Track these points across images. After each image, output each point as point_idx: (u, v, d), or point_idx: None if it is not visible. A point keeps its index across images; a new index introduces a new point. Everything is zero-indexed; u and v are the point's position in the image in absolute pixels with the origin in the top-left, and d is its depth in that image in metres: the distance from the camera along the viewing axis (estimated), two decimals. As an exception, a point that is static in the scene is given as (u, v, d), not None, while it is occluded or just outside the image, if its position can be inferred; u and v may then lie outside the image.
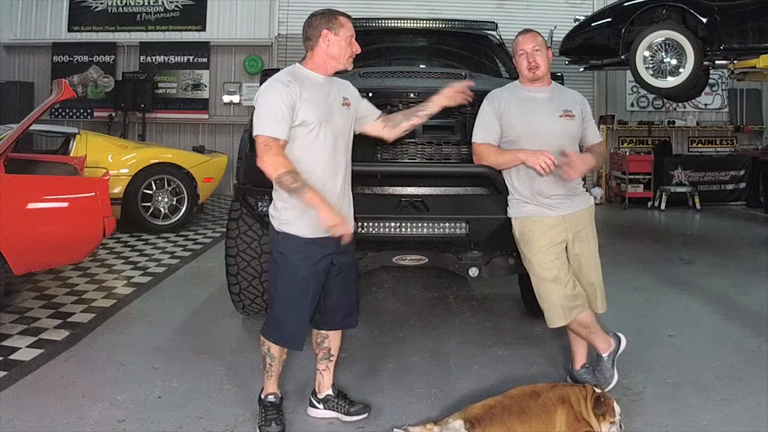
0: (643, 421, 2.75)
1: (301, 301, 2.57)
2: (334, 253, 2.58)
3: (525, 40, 2.93)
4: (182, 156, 7.18)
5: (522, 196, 2.91)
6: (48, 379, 3.13)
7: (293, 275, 2.55)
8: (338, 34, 2.53)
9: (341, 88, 2.65)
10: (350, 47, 2.56)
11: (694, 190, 9.26)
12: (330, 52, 2.53)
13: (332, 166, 2.54)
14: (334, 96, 2.58)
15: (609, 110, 10.21)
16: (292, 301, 2.58)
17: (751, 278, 5.19)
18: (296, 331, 2.62)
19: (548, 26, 7.34)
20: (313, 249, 2.53)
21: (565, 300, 2.84)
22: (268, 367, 2.70)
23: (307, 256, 2.53)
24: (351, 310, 2.76)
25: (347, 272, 2.69)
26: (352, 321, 2.79)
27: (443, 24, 5.21)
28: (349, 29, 2.57)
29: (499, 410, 2.38)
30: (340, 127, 2.57)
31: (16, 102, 9.42)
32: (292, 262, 2.55)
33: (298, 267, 2.54)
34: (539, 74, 2.90)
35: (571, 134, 2.91)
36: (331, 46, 2.52)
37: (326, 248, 2.54)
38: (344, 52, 2.55)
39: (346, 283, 2.69)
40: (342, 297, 2.70)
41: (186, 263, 5.62)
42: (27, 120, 4.46)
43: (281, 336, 2.63)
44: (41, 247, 3.90)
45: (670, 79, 5.87)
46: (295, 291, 2.57)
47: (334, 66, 2.57)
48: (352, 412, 2.75)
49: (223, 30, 10.07)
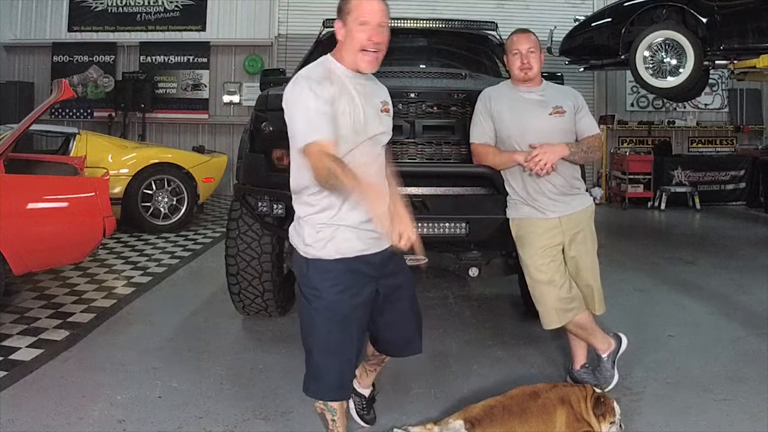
0: (643, 421, 2.75)
1: (345, 343, 2.17)
2: (381, 277, 2.21)
3: (520, 40, 2.91)
4: (182, 156, 7.18)
5: (519, 196, 2.91)
6: (48, 379, 3.13)
7: (331, 314, 2.13)
8: (346, 20, 2.13)
9: (383, 91, 2.33)
10: (361, 34, 2.09)
11: (694, 190, 9.25)
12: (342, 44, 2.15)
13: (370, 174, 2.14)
14: (372, 98, 2.23)
15: (609, 110, 10.20)
16: (334, 345, 2.17)
17: (751, 278, 5.19)
18: (343, 380, 2.22)
19: (548, 26, 7.36)
20: (350, 277, 2.13)
21: (559, 302, 2.84)
22: (332, 424, 2.33)
23: (346, 286, 2.13)
24: (412, 337, 2.41)
25: (401, 297, 2.31)
26: (415, 348, 2.43)
27: (443, 24, 5.20)
28: (360, 12, 2.09)
29: (500, 410, 2.38)
30: (378, 133, 2.21)
31: (16, 102, 9.41)
32: (328, 298, 2.13)
33: (337, 303, 2.13)
34: (531, 75, 2.88)
35: (563, 130, 2.87)
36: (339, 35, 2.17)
37: (367, 271, 2.16)
38: (352, 42, 2.12)
39: (401, 308, 2.32)
40: (400, 328, 2.36)
41: (186, 263, 5.62)
42: (27, 120, 4.46)
43: (326, 387, 2.22)
44: (41, 247, 3.90)
45: (670, 79, 5.87)
46: (336, 333, 2.15)
47: (351, 61, 2.15)
48: (367, 420, 2.71)
49: (223, 30, 10.06)
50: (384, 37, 2.14)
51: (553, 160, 2.74)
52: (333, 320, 2.14)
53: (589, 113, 2.97)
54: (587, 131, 2.92)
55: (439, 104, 3.29)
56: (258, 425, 2.72)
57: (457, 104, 3.29)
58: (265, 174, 3.29)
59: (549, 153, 2.74)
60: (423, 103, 3.26)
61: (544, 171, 2.74)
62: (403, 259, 2.33)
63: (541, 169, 2.73)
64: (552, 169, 2.76)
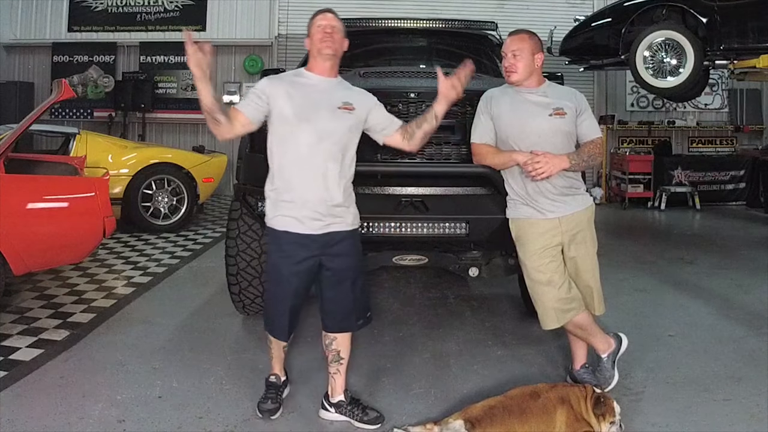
0: (643, 421, 2.75)
1: (282, 298, 2.66)
2: (323, 255, 2.60)
3: (508, 42, 2.90)
4: (182, 156, 7.18)
5: (518, 196, 2.90)
6: (48, 379, 3.13)
7: (275, 272, 2.66)
8: (310, 33, 2.65)
9: (347, 93, 2.65)
10: (316, 35, 2.60)
11: (694, 190, 9.26)
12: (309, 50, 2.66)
13: (312, 166, 2.53)
14: (328, 97, 2.58)
15: (609, 110, 10.21)
16: (275, 297, 2.71)
17: (751, 278, 5.19)
18: (279, 324, 2.73)
19: (548, 26, 7.37)
20: (292, 248, 2.58)
21: (558, 303, 2.84)
22: (269, 350, 2.87)
23: (286, 255, 2.59)
24: (348, 314, 2.73)
25: (344, 277, 2.67)
26: (350, 325, 2.76)
27: (443, 24, 5.20)
28: (315, 21, 2.63)
29: (500, 410, 2.38)
30: (327, 129, 2.54)
31: (16, 102, 9.42)
32: (273, 259, 2.67)
33: (276, 264, 2.64)
34: (514, 79, 2.86)
35: (564, 132, 2.85)
36: (308, 44, 2.67)
37: (308, 248, 2.57)
38: (313, 44, 2.62)
39: (342, 286, 2.68)
40: (338, 301, 2.70)
41: (186, 263, 5.62)
42: (27, 120, 4.46)
43: (268, 327, 2.79)
44: (41, 247, 3.90)
45: (670, 79, 5.87)
46: (275, 287, 2.68)
47: (317, 61, 2.63)
48: (366, 421, 2.71)
49: (223, 30, 10.06)
50: (335, 35, 2.61)
51: (552, 172, 2.74)
52: (273, 278, 2.67)
53: (591, 116, 2.94)
54: (588, 135, 2.89)
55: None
56: (258, 425, 2.72)
57: (457, 104, 3.28)
58: (265, 174, 3.28)
59: (550, 164, 2.73)
60: (423, 103, 3.26)
61: (538, 178, 2.75)
62: (353, 247, 2.68)
63: (539, 175, 2.73)
64: (548, 178, 2.76)
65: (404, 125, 2.76)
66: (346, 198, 2.62)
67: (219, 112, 2.50)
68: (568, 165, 2.77)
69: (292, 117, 2.53)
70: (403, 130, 2.75)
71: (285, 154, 2.57)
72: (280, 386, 2.89)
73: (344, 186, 2.60)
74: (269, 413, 2.75)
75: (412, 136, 2.73)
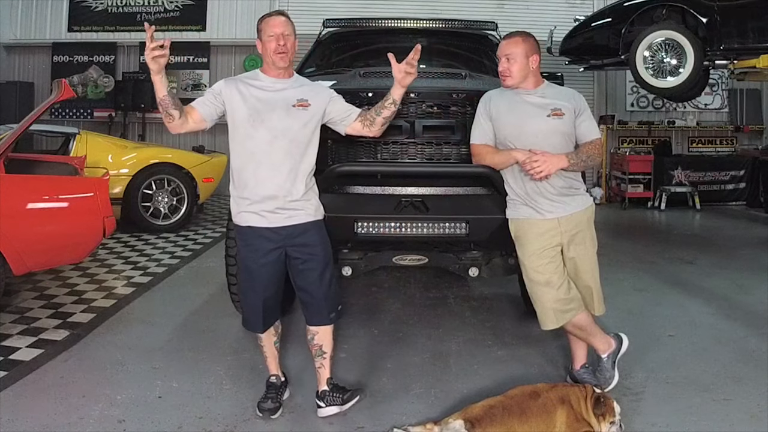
0: (643, 421, 2.75)
1: (252, 291, 2.72)
2: (288, 246, 2.65)
3: (503, 46, 2.90)
4: (182, 156, 7.18)
5: (518, 196, 2.90)
6: (48, 379, 3.13)
7: (245, 267, 2.72)
8: (261, 38, 2.68)
9: (301, 90, 2.71)
10: (270, 44, 2.62)
11: (694, 190, 9.25)
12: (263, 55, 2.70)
13: (269, 164, 2.60)
14: (282, 97, 2.64)
15: (609, 110, 10.21)
16: (247, 291, 2.77)
17: (751, 278, 5.18)
18: (253, 317, 2.78)
19: (548, 26, 7.35)
20: (258, 241, 2.64)
21: (557, 303, 2.84)
22: (261, 350, 2.92)
23: (253, 249, 2.66)
24: (320, 307, 2.75)
25: (311, 267, 2.69)
26: (323, 319, 2.78)
27: (443, 24, 5.20)
28: (268, 27, 2.65)
29: (499, 410, 2.38)
30: (281, 127, 2.61)
31: (16, 102, 9.41)
32: (241, 254, 2.74)
33: (245, 258, 2.71)
34: (508, 84, 2.87)
35: (562, 132, 2.84)
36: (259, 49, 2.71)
37: (273, 240, 2.64)
38: (267, 53, 2.65)
39: (310, 276, 2.71)
40: (309, 291, 2.73)
41: (186, 263, 5.62)
42: (27, 120, 4.46)
43: (244, 322, 2.85)
44: (41, 247, 3.90)
45: (670, 79, 5.87)
46: (244, 281, 2.76)
47: (270, 67, 2.68)
48: (345, 399, 2.81)
49: (223, 30, 10.06)
50: (288, 44, 2.64)
51: (550, 171, 2.74)
52: (244, 273, 2.74)
53: (590, 117, 2.92)
54: (587, 136, 2.88)
55: (439, 104, 3.30)
56: (258, 425, 2.72)
57: (456, 104, 3.29)
58: None
59: (548, 163, 2.73)
60: (423, 103, 3.26)
61: (537, 177, 2.75)
62: (318, 237, 2.70)
63: (537, 174, 2.74)
64: (547, 178, 2.76)
65: (363, 112, 2.82)
66: (306, 192, 2.68)
67: (172, 107, 2.63)
68: (566, 164, 2.77)
69: (247, 117, 2.61)
70: (363, 117, 2.81)
71: (242, 153, 2.64)
72: (280, 387, 2.91)
73: (304, 181, 2.67)
74: (269, 413, 2.76)
75: (372, 122, 2.80)
